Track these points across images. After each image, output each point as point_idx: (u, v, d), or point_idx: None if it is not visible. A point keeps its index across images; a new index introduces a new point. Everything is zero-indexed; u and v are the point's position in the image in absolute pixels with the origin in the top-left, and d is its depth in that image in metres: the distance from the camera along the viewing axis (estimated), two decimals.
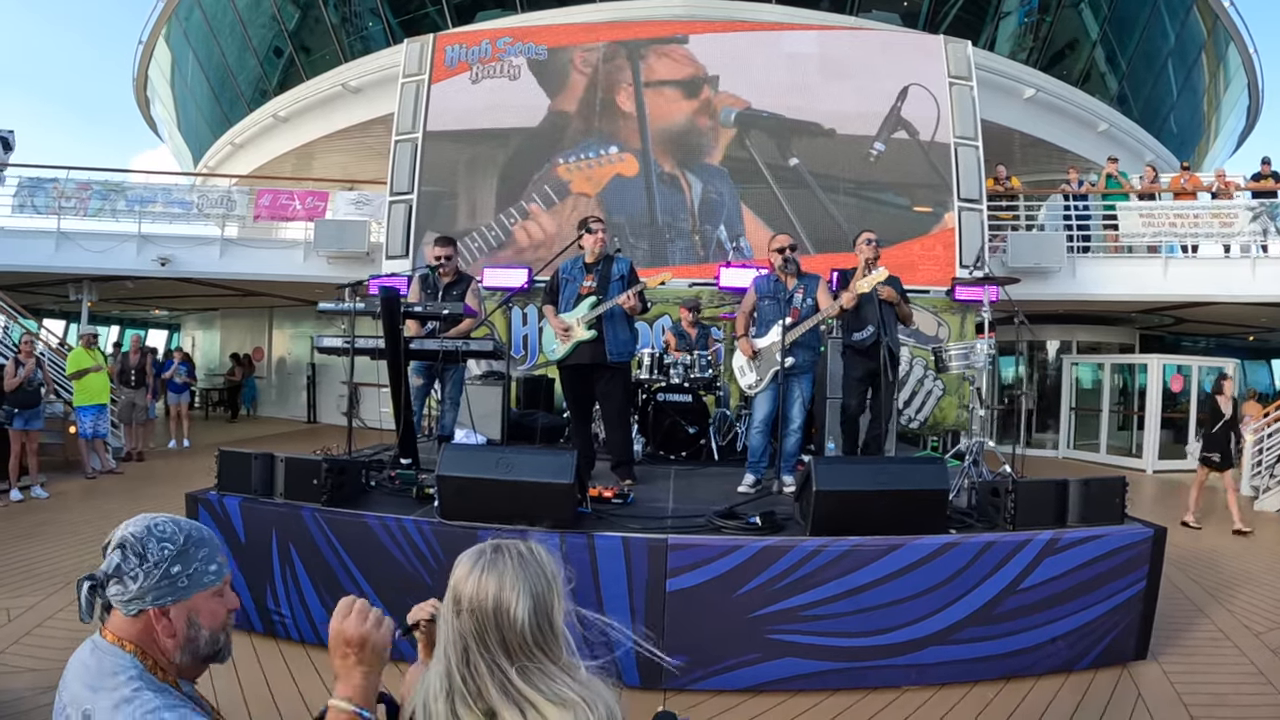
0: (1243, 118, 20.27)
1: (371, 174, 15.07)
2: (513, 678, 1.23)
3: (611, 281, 5.35)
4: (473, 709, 1.23)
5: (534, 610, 1.26)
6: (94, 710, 1.22)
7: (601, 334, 5.24)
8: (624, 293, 5.21)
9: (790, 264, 5.36)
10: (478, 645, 1.25)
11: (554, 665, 1.27)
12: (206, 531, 1.42)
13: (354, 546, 4.03)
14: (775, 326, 5.24)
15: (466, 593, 1.27)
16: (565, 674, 1.27)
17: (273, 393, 18.93)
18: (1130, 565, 4.05)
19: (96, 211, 12.68)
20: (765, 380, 5.30)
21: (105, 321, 22.26)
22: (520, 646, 1.25)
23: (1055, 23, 14.95)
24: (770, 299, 5.40)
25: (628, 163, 11.04)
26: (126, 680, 1.25)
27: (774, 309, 5.34)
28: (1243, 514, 8.19)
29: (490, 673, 1.24)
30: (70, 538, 6.53)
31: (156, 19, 17.56)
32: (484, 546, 1.35)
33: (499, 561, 1.30)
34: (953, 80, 11.07)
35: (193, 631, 1.37)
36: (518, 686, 1.23)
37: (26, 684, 3.75)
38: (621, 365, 5.45)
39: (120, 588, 1.30)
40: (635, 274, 5.43)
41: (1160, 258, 11.80)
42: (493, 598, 1.26)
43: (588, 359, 5.28)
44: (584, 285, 5.38)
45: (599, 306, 5.24)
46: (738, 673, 3.79)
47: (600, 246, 5.39)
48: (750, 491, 5.27)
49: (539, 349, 10.37)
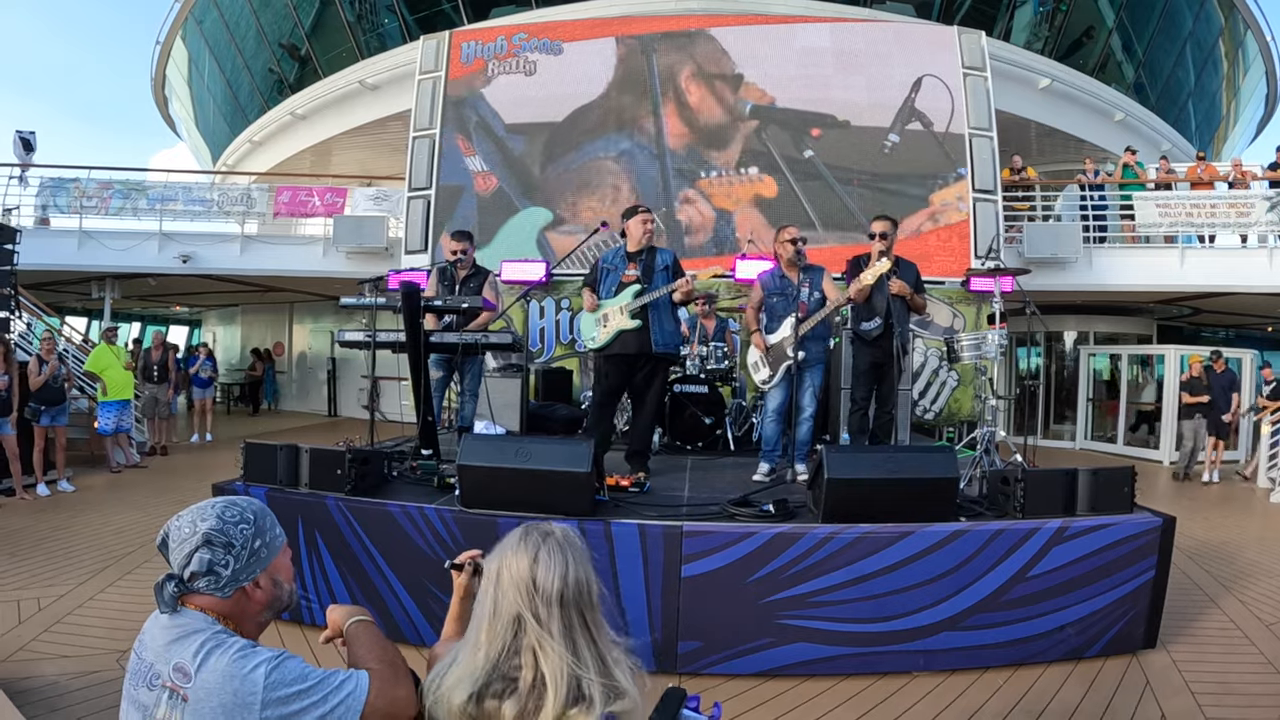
0: (1261, 105, 20.05)
1: (388, 170, 15.19)
2: (608, 655, 1.36)
3: (656, 271, 5.22)
4: (500, 700, 1.30)
5: (596, 581, 1.39)
6: (184, 660, 1.33)
7: (646, 324, 5.12)
8: (674, 282, 5.09)
9: (800, 255, 5.43)
10: (575, 625, 1.35)
11: (615, 645, 1.39)
12: (259, 502, 1.55)
13: (377, 534, 4.14)
14: (786, 321, 5.33)
15: (543, 577, 1.35)
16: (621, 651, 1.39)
17: (293, 387, 19.15)
18: (1139, 554, 4.09)
19: (118, 210, 12.89)
20: (779, 375, 5.39)
21: (127, 318, 22.56)
22: (596, 624, 1.37)
23: (1071, 11, 14.84)
24: (779, 295, 5.49)
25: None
26: (212, 635, 1.37)
27: (782, 304, 5.44)
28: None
29: (588, 641, 1.35)
30: (98, 530, 6.69)
31: (174, 20, 17.73)
32: (525, 534, 1.42)
33: (549, 543, 1.39)
34: (967, 71, 11.05)
35: (277, 590, 1.52)
36: (610, 665, 1.35)
37: (58, 669, 3.88)
38: (667, 357, 5.39)
39: (213, 578, 1.42)
40: (679, 265, 5.34)
41: (1177, 248, 11.77)
42: (574, 578, 1.36)
43: (634, 349, 5.15)
44: (627, 274, 5.24)
45: (644, 295, 5.10)
46: (750, 657, 3.88)
47: (648, 236, 5.27)
48: (765, 480, 5.38)
49: (555, 342, 10.46)
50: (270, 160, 18.06)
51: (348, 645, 1.58)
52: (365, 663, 1.48)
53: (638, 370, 5.31)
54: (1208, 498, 9.45)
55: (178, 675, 1.33)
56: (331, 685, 1.37)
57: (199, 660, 1.33)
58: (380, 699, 1.40)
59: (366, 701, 1.38)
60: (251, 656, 1.35)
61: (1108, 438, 13.88)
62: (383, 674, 1.45)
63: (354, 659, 1.52)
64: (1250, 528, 7.76)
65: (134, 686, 1.39)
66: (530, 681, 1.31)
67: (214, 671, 1.32)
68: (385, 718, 1.41)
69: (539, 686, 1.30)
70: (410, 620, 4.08)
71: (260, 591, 1.48)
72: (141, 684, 1.37)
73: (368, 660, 1.49)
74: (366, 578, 4.18)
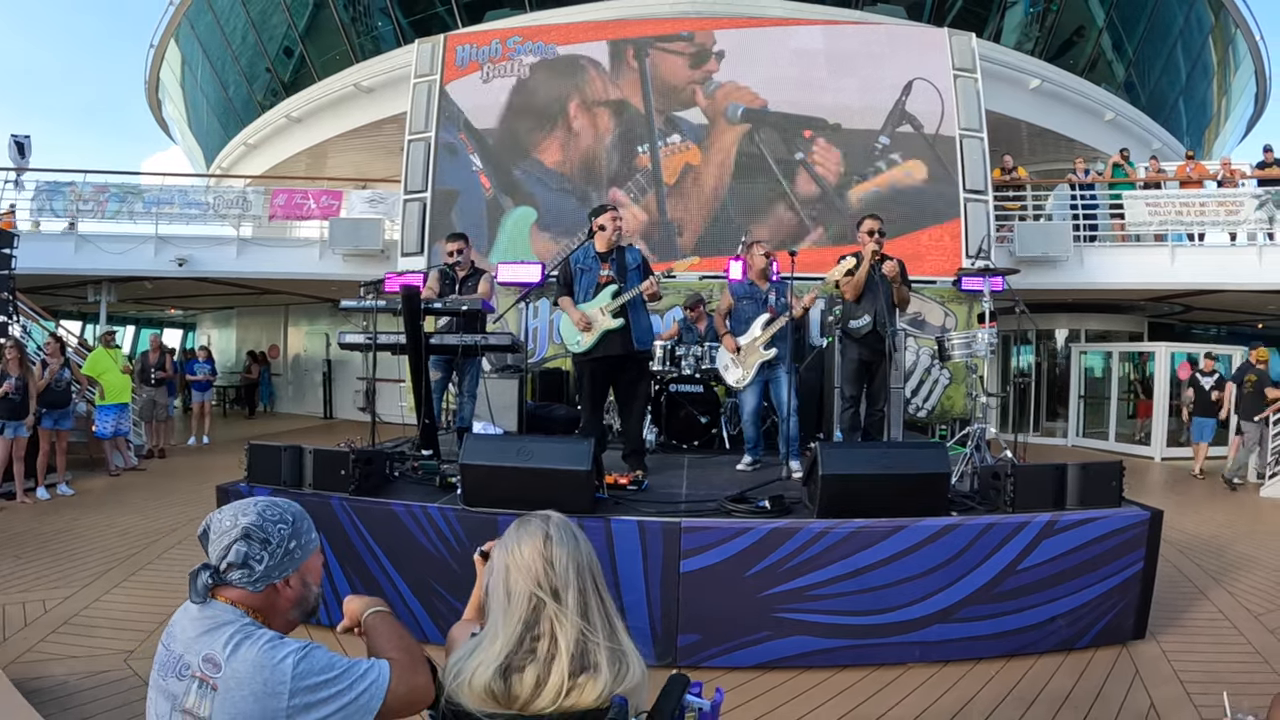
0: (1251, 104, 20.22)
1: (383, 172, 15.23)
2: (611, 611, 1.47)
3: (629, 270, 5.27)
4: (521, 673, 1.39)
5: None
6: (214, 652, 1.40)
7: (628, 322, 5.18)
8: (645, 280, 5.15)
9: (771, 268, 5.95)
10: (589, 591, 1.46)
11: (621, 614, 1.50)
12: (298, 505, 1.62)
13: (381, 533, 4.22)
14: (756, 323, 5.75)
15: (556, 551, 1.46)
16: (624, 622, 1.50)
17: (289, 389, 19.16)
18: (1127, 546, 4.18)
19: (114, 214, 12.90)
20: (752, 374, 5.74)
21: (121, 321, 22.52)
22: (604, 592, 1.49)
23: (1062, 11, 14.96)
24: (747, 299, 5.87)
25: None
26: (241, 627, 1.44)
27: (751, 307, 5.83)
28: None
29: (600, 606, 1.46)
30: (102, 532, 6.74)
31: (168, 22, 17.74)
32: (526, 521, 1.53)
33: (554, 523, 1.51)
34: (957, 73, 11.13)
35: (306, 590, 1.59)
36: (617, 631, 1.47)
37: (67, 670, 3.94)
38: (646, 353, 5.51)
39: (247, 571, 1.48)
40: (648, 263, 5.45)
41: (1167, 246, 11.89)
42: (585, 549, 1.49)
43: (618, 349, 5.19)
44: (602, 275, 5.25)
45: (622, 295, 5.16)
46: (749, 650, 3.96)
47: (616, 234, 5.31)
48: (748, 470, 5.78)
49: (548, 342, 10.52)
50: (265, 163, 18.07)
51: (366, 635, 1.64)
52: (385, 652, 1.55)
53: (622, 370, 5.39)
54: (1198, 492, 9.56)
55: (207, 665, 1.38)
56: (356, 674, 1.44)
57: (229, 650, 1.39)
58: (401, 685, 1.47)
59: (388, 689, 1.45)
60: (280, 647, 1.41)
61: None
62: (403, 662, 1.52)
63: (374, 648, 1.59)
64: (1240, 522, 7.85)
65: (163, 677, 1.44)
66: (548, 651, 1.40)
67: (244, 661, 1.38)
68: (406, 704, 1.48)
69: (555, 655, 1.40)
70: (414, 618, 4.14)
71: (290, 590, 1.55)
72: (170, 674, 1.43)
73: (388, 650, 1.56)
74: (371, 577, 4.24)
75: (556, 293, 5.45)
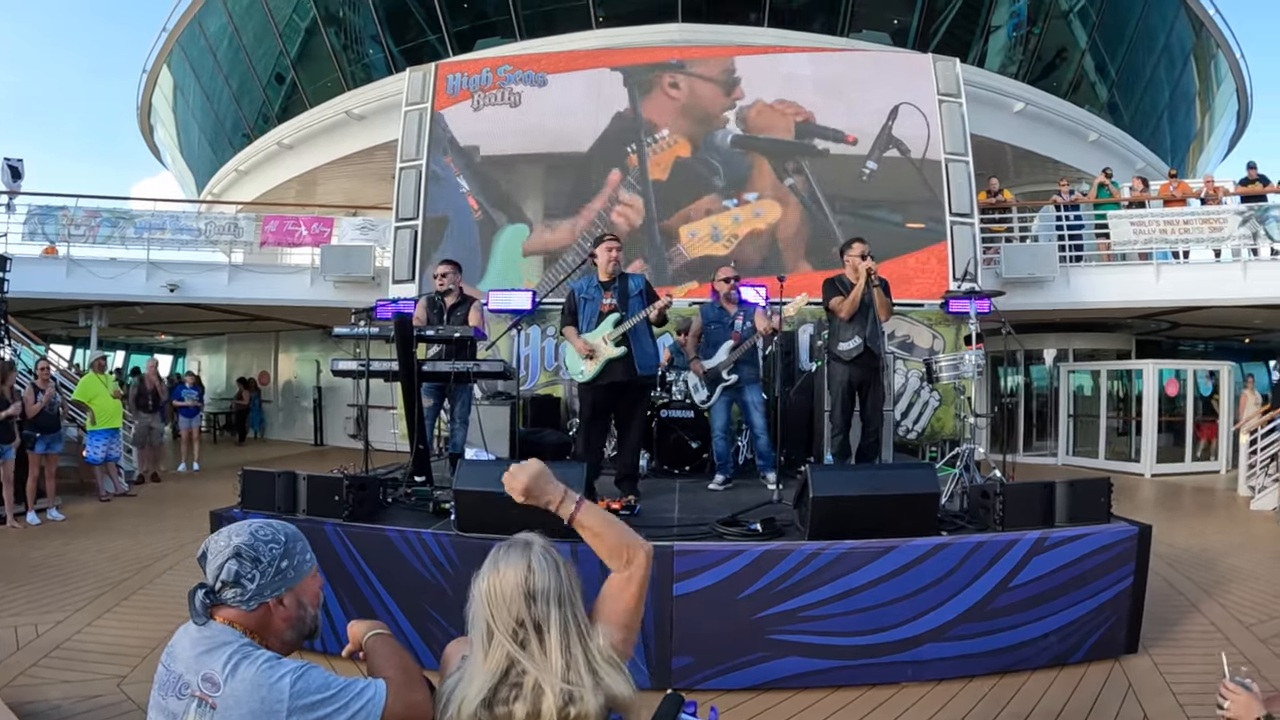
0: (1233, 122, 20.55)
1: (374, 199, 15.29)
2: (592, 642, 1.48)
3: (631, 297, 5.32)
4: (509, 705, 1.41)
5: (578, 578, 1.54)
6: (213, 671, 1.42)
7: (630, 350, 5.22)
8: (649, 306, 5.19)
9: (735, 291, 6.36)
10: (570, 620, 1.48)
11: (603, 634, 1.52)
12: (293, 527, 1.65)
13: (375, 558, 4.23)
14: (723, 347, 6.18)
15: (539, 583, 1.47)
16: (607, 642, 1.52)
17: (280, 416, 19.10)
18: (1117, 562, 4.23)
19: (106, 239, 12.92)
20: (716, 394, 6.21)
21: (111, 347, 22.48)
22: (584, 618, 1.52)
23: (1044, 34, 15.22)
24: (716, 323, 6.32)
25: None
26: (239, 646, 1.46)
27: (719, 331, 6.29)
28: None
29: (580, 639, 1.47)
30: (93, 557, 6.71)
31: (160, 48, 17.86)
32: (507, 549, 1.54)
33: (535, 551, 1.52)
34: (942, 98, 11.27)
35: (301, 611, 1.61)
36: (599, 653, 1.48)
37: (61, 694, 3.93)
38: (649, 380, 5.55)
39: (239, 589, 1.51)
40: (652, 289, 5.47)
41: (1152, 264, 12.04)
42: (566, 576, 1.51)
43: (621, 376, 5.22)
44: (604, 303, 5.33)
45: (624, 323, 5.20)
46: (743, 671, 3.97)
47: (614, 264, 5.37)
48: (720, 489, 6.10)
49: (540, 369, 10.53)
50: (256, 189, 18.12)
51: (366, 656, 1.67)
52: (383, 671, 1.58)
53: (623, 397, 5.42)
54: (1188, 506, 9.61)
55: (206, 685, 1.41)
56: (352, 692, 1.46)
57: (228, 670, 1.41)
58: (398, 704, 1.50)
59: (385, 706, 1.47)
60: (278, 667, 1.44)
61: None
62: (399, 681, 1.54)
63: (373, 668, 1.62)
64: (1231, 535, 7.92)
65: (163, 696, 1.47)
66: (533, 684, 1.42)
67: (242, 681, 1.40)
68: None
69: (541, 691, 1.41)
70: (409, 643, 4.13)
71: (284, 609, 1.56)
72: (170, 693, 1.45)
73: (385, 669, 1.59)
74: (364, 602, 4.24)
75: (561, 322, 5.54)
